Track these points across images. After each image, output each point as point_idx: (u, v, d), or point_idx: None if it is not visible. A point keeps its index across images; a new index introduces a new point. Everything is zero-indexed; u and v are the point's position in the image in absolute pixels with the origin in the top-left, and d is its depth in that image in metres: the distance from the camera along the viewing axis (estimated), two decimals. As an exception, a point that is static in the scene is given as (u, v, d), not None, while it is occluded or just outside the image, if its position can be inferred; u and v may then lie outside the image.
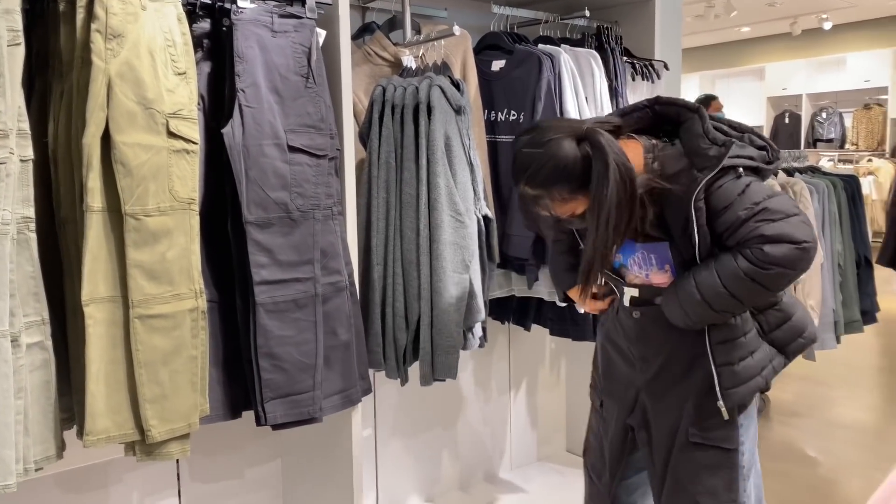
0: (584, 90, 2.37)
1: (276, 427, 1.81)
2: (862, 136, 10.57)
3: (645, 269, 1.60)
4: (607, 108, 2.38)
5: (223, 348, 1.82)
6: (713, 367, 1.54)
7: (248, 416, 1.85)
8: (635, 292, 1.62)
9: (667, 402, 1.61)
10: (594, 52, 2.48)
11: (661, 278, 1.59)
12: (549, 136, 1.44)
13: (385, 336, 2.04)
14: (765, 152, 1.53)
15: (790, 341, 1.61)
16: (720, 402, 1.54)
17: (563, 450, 3.13)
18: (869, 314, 3.71)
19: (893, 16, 9.60)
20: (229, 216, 1.78)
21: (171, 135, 1.59)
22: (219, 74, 1.80)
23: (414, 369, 2.12)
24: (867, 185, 8.52)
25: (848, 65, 10.50)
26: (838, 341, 3.53)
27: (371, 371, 2.07)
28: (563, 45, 2.46)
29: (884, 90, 10.19)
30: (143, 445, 1.61)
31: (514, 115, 2.34)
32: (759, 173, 1.51)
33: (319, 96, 1.87)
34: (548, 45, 2.45)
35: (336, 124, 1.92)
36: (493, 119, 2.40)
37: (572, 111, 2.30)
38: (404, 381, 2.10)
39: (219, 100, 1.80)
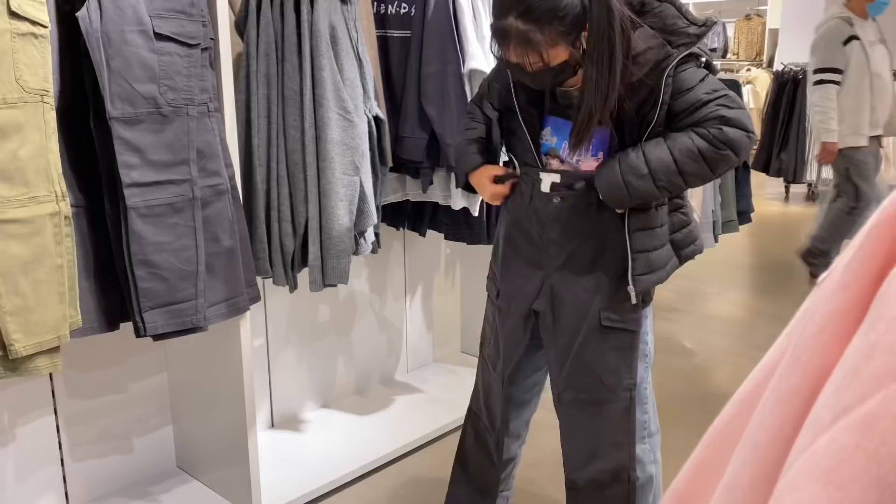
0: (477, -18, 2.27)
1: (157, 338, 1.72)
2: (742, 46, 10.93)
3: (577, 155, 1.59)
4: (500, 3, 2.30)
5: (94, 257, 1.69)
6: (629, 253, 1.58)
7: (127, 328, 1.75)
8: (556, 178, 1.60)
9: (578, 285, 1.63)
10: (487, -58, 2.37)
11: (590, 165, 1.58)
12: None
13: (271, 241, 1.96)
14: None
15: (685, 246, 1.69)
16: (630, 287, 1.58)
17: (459, 351, 3.18)
18: (744, 214, 3.91)
19: (775, -75, 9.79)
20: (91, 112, 1.62)
21: (14, 15, 1.41)
22: (69, -49, 1.60)
23: (304, 276, 2.05)
24: (746, 94, 8.86)
25: (731, -26, 10.73)
26: (716, 240, 3.71)
27: (260, 279, 1.99)
28: (454, -66, 2.33)
29: (764, 1, 10.51)
30: (6, 361, 1.49)
31: (405, 7, 2.22)
32: (710, 69, 1.55)
33: (188, -22, 1.70)
34: (438, -66, 2.32)
35: (209, 11, 1.75)
36: (382, 12, 2.27)
37: (465, 4, 2.20)
38: (293, 287, 2.03)
39: (71, -20, 1.60)
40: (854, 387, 0.34)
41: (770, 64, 10.03)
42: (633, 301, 1.61)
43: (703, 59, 1.53)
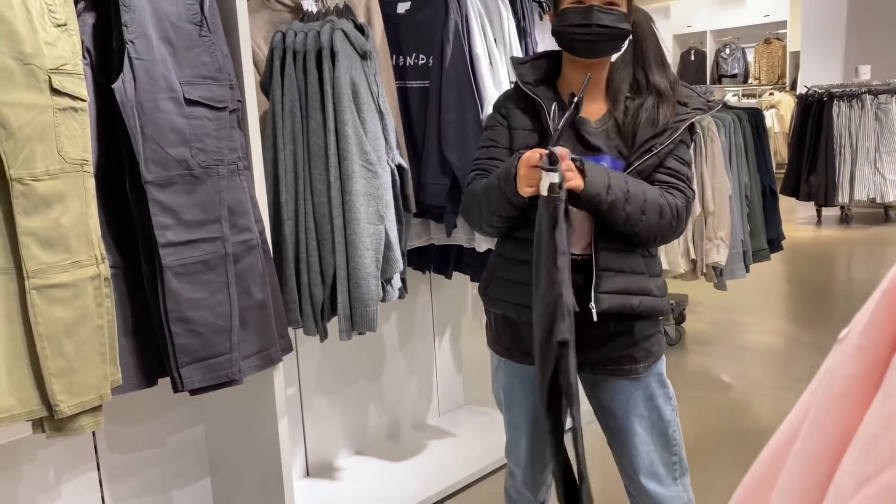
0: (492, 31, 2.33)
1: (193, 392, 1.76)
2: (763, 71, 10.92)
3: None
4: (517, 50, 2.36)
5: (132, 315, 1.75)
6: (593, 269, 1.58)
7: (165, 383, 1.79)
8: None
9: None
10: (501, -9, 2.44)
11: None
12: None
13: (301, 292, 2.01)
14: None
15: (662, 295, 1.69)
16: (592, 304, 1.56)
17: (489, 392, 3.18)
18: (775, 242, 3.88)
19: (791, -48, 9.84)
20: (127, 177, 1.69)
21: (56, 92, 1.48)
22: (105, 25, 1.69)
23: (333, 324, 2.09)
24: (770, 118, 8.83)
25: (748, 1, 10.77)
26: (747, 270, 3.68)
27: (291, 329, 2.03)
28: (469, -14, 2.41)
29: (783, 24, 10.53)
30: (52, 421, 1.54)
31: (422, 59, 2.29)
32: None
33: (215, 45, 1.77)
34: (453, -14, 2.39)
35: (235, 74, 1.83)
36: (401, 64, 2.34)
37: (481, 53, 2.27)
38: (323, 336, 2.07)
39: (107, 53, 1.69)
40: (873, 457, 0.35)
41: (793, 87, 10.01)
42: (594, 319, 1.57)
43: (696, 135, 1.68)
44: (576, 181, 1.49)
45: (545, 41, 2.49)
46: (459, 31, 2.24)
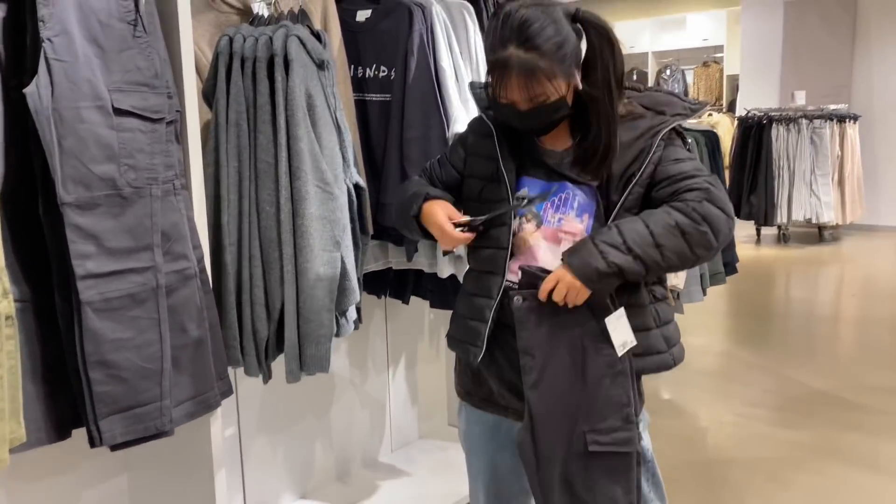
0: (458, 45, 2.15)
1: (114, 448, 1.52)
2: (702, 92, 11.12)
3: (560, 213, 1.46)
4: (483, 64, 2.19)
5: (41, 356, 1.49)
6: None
7: (81, 431, 1.54)
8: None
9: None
10: (467, 3, 2.26)
11: (573, 227, 1.45)
12: (547, 3, 1.37)
13: (243, 328, 1.78)
14: None
15: (674, 343, 1.54)
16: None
17: (446, 424, 2.99)
18: (730, 265, 3.82)
19: (730, -24, 10.05)
20: (40, 197, 1.44)
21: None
22: (18, 20, 1.43)
23: (279, 363, 1.87)
24: (710, 139, 8.94)
25: (688, 24, 10.97)
26: (704, 293, 3.60)
27: (231, 368, 1.80)
28: (432, -5, 2.23)
29: (720, 48, 10.75)
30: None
31: (384, 70, 2.10)
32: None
33: (152, 47, 1.54)
34: (416, -6, 2.21)
35: (174, 81, 1.60)
36: (360, 76, 2.14)
37: (447, 67, 2.09)
38: (266, 378, 1.85)
39: (19, 53, 1.44)
40: None
41: (730, 108, 10.20)
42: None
43: (690, 142, 1.49)
44: (577, 296, 1.39)
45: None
46: (425, 42, 2.05)
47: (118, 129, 1.46)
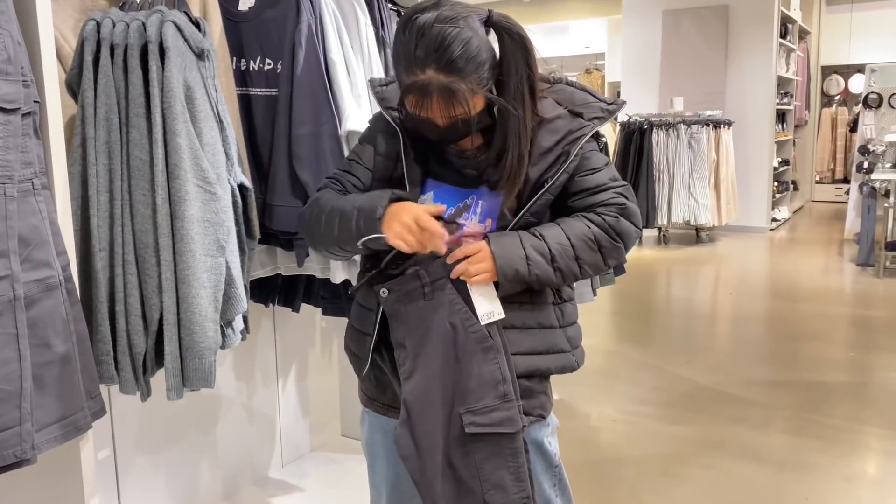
0: (349, 38, 2.06)
1: (-34, 481, 1.34)
2: (585, 99, 11.48)
3: (464, 218, 1.42)
4: (375, 60, 2.11)
5: None
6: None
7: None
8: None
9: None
10: (357, -6, 2.18)
11: (475, 230, 1.41)
12: (460, 13, 1.27)
13: (117, 341, 1.62)
14: None
15: (576, 346, 1.53)
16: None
17: (339, 435, 2.89)
18: (619, 266, 3.90)
19: (610, -14, 10.41)
20: None
21: None
22: None
23: (159, 378, 1.72)
24: (594, 144, 9.22)
25: (570, 31, 11.30)
26: (594, 294, 3.66)
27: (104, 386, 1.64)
28: (321, -15, 2.13)
29: (601, 56, 11.13)
30: None
31: (269, 63, 1.98)
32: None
33: (3, 28, 1.37)
34: (304, -16, 2.10)
35: (32, 69, 1.43)
36: (243, 68, 2.01)
37: (338, 60, 2.00)
38: (145, 395, 1.70)
39: None
40: None
41: (612, 115, 10.57)
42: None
43: (604, 141, 1.49)
44: (482, 275, 1.35)
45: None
46: (313, 34, 1.95)
47: (-36, 120, 1.29)
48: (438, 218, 1.37)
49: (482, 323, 1.38)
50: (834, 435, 3.14)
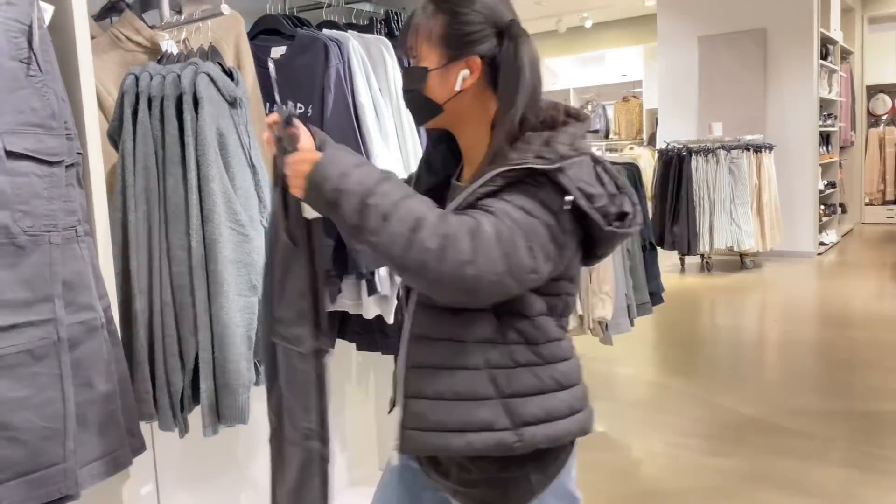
0: (376, 80, 2.13)
1: (13, 517, 1.40)
2: (623, 127, 11.47)
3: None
4: (402, 100, 2.17)
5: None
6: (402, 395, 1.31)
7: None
8: None
9: None
10: (384, 38, 2.26)
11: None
12: None
13: (156, 380, 1.68)
14: None
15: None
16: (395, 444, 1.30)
17: (377, 470, 2.90)
18: (656, 295, 3.88)
19: (645, 15, 10.44)
20: (-76, 248, 1.34)
21: None
22: None
23: (196, 415, 1.77)
24: (633, 172, 9.19)
25: (607, 60, 11.33)
26: (632, 324, 3.64)
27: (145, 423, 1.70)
28: (350, 31, 2.21)
29: (638, 83, 11.12)
30: None
31: (300, 107, 2.06)
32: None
33: (48, 87, 1.46)
34: (333, 31, 2.19)
35: (76, 123, 1.52)
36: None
37: (366, 103, 2.06)
38: (183, 431, 1.75)
39: None
40: None
41: (651, 141, 10.52)
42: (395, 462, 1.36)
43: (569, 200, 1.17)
44: (301, 166, 1.17)
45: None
46: (342, 78, 2.02)
47: (11, 173, 1.38)
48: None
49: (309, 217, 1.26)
50: (887, 467, 3.04)
